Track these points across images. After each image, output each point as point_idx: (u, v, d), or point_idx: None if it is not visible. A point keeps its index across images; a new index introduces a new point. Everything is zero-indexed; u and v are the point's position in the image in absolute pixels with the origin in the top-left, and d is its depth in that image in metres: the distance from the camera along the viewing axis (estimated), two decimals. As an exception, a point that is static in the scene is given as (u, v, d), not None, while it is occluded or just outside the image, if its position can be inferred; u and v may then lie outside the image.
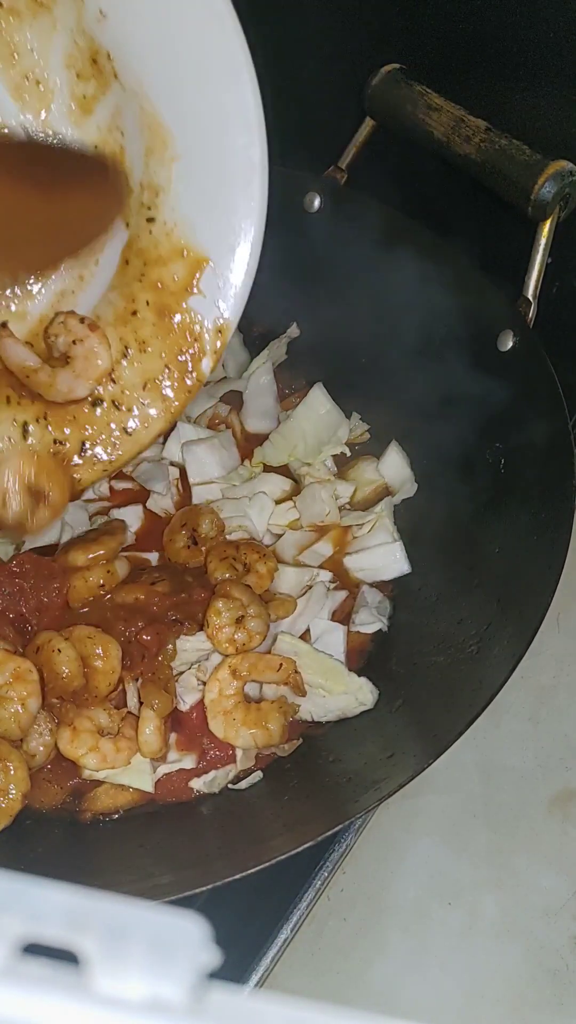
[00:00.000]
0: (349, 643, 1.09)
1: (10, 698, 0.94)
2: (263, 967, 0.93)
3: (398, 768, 0.87)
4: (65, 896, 0.30)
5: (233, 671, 1.01)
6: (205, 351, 0.93)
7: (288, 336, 1.35)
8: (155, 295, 0.92)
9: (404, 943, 0.96)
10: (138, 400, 0.95)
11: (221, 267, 0.90)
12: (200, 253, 0.90)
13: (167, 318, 0.93)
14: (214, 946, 0.30)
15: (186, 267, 0.91)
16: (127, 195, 0.93)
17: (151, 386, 0.94)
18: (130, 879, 0.94)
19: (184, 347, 0.93)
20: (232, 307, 0.91)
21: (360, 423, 1.28)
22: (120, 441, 0.97)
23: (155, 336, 0.93)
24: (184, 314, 0.92)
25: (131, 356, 0.94)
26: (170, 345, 0.94)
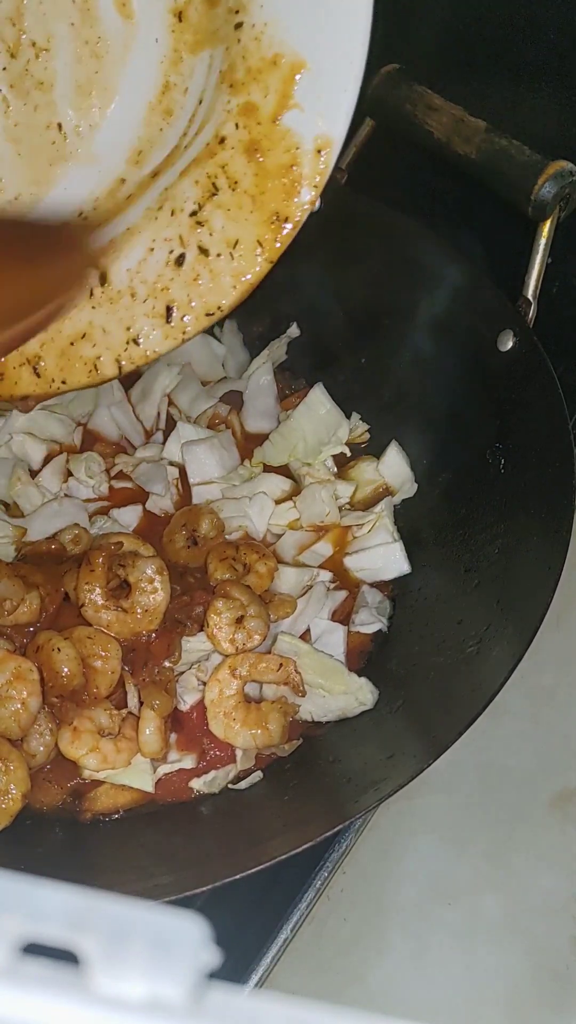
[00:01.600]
0: (349, 643, 1.09)
1: (10, 697, 0.94)
2: (263, 967, 0.93)
3: (398, 768, 0.87)
4: (65, 896, 0.30)
5: (233, 671, 1.01)
6: (303, 177, 0.78)
7: (288, 336, 1.35)
8: (245, 120, 0.79)
9: (404, 943, 0.96)
10: (228, 248, 0.81)
11: (320, 71, 0.75)
12: (296, 56, 0.75)
13: (258, 151, 0.79)
14: (214, 946, 0.30)
15: (280, 78, 0.77)
16: (89, 262, 0.84)
17: (243, 227, 0.80)
18: (130, 879, 0.94)
19: (281, 176, 0.79)
20: (336, 119, 0.76)
21: (360, 423, 1.28)
22: (201, 298, 0.83)
23: (246, 172, 0.79)
24: (279, 138, 0.78)
25: (220, 195, 0.80)
26: (264, 178, 0.80)
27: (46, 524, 1.15)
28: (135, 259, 0.82)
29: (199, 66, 0.83)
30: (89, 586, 0.99)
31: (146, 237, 0.83)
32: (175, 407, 1.31)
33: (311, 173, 0.76)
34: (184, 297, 0.81)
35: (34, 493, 1.19)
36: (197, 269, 0.81)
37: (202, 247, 0.81)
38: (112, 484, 1.24)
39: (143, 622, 1.00)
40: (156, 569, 1.00)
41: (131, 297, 0.81)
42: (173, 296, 0.81)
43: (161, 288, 0.81)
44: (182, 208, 0.82)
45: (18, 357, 0.88)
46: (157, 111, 0.85)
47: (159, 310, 0.81)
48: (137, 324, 0.80)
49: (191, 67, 0.84)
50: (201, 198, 0.81)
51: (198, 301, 0.81)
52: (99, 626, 0.99)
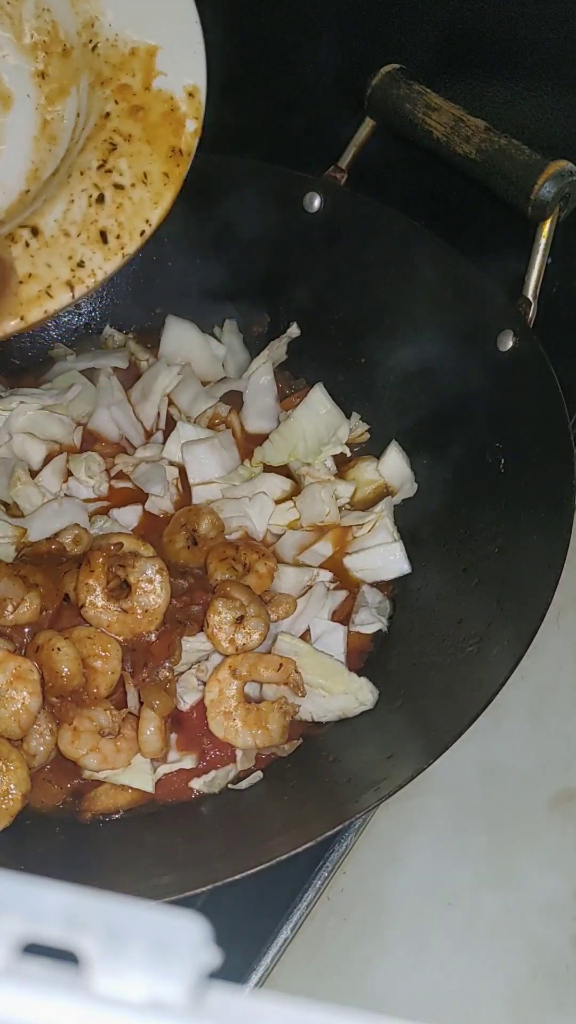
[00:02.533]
0: (349, 643, 1.09)
1: (11, 697, 0.94)
2: (263, 967, 0.93)
3: (398, 768, 0.87)
4: (65, 896, 0.30)
5: (233, 671, 1.01)
6: (184, 115, 0.94)
7: (288, 336, 1.35)
8: (121, 96, 0.94)
9: (404, 943, 0.96)
10: (140, 180, 0.94)
11: (171, 45, 0.93)
12: (148, 44, 0.94)
13: (140, 110, 0.94)
14: (214, 946, 0.30)
15: (141, 62, 0.94)
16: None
17: (148, 163, 0.94)
18: (130, 879, 0.94)
19: (166, 121, 0.94)
20: (196, 70, 0.94)
21: (360, 423, 1.28)
22: (128, 219, 0.95)
23: (135, 127, 0.94)
24: (154, 97, 0.94)
25: (119, 148, 0.94)
26: (152, 127, 0.94)
27: (46, 524, 1.15)
28: (59, 211, 0.93)
29: (70, 98, 0.99)
30: (89, 586, 0.99)
31: (64, 195, 0.94)
32: (175, 407, 1.31)
33: (189, 110, 0.93)
34: (113, 223, 0.93)
35: (34, 493, 1.19)
36: (117, 200, 0.93)
37: (117, 184, 0.93)
38: (112, 484, 1.24)
39: (143, 622, 1.00)
40: (156, 569, 1.00)
41: (65, 236, 0.91)
42: (103, 224, 0.92)
43: (91, 222, 0.92)
44: (89, 167, 0.95)
45: None
46: (42, 140, 0.99)
47: (94, 237, 0.91)
48: (77, 252, 0.90)
49: (63, 102, 0.99)
50: (103, 155, 0.94)
51: (127, 222, 0.93)
52: (99, 626, 0.99)
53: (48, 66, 0.99)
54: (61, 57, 0.98)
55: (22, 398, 1.26)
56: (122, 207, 0.91)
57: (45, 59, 0.99)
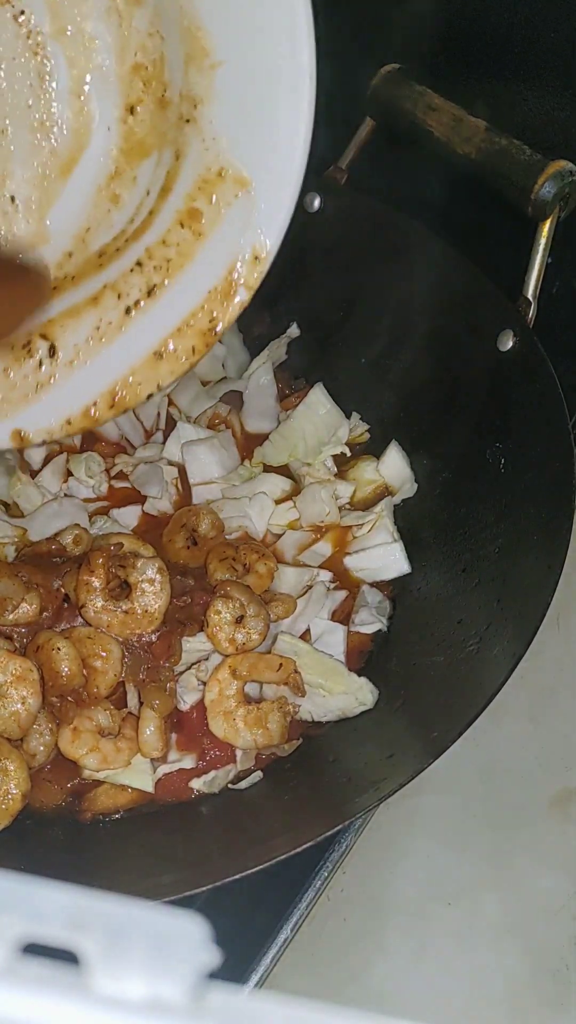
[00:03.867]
0: (349, 643, 1.09)
1: (11, 697, 0.94)
2: (263, 967, 0.93)
3: (398, 768, 0.87)
4: (65, 896, 0.30)
5: (233, 671, 1.01)
6: (241, 280, 0.85)
7: (288, 336, 1.35)
8: (190, 222, 0.84)
9: (404, 943, 0.96)
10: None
11: (262, 188, 0.81)
12: (240, 172, 0.81)
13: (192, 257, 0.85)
14: (214, 946, 0.30)
15: (222, 194, 0.83)
16: (48, 292, 0.90)
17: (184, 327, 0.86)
18: (130, 879, 0.94)
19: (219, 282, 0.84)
20: (272, 232, 0.82)
21: (360, 423, 1.28)
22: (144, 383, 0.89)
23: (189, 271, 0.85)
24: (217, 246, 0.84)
25: (157, 291, 0.87)
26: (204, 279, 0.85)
27: (46, 524, 1.15)
28: (82, 336, 0.88)
29: (147, 161, 0.89)
30: (89, 587, 0.99)
31: (92, 317, 0.89)
32: (175, 407, 1.31)
33: (248, 277, 0.83)
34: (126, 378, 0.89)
35: (34, 493, 1.19)
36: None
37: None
38: (112, 484, 1.24)
39: (143, 623, 1.00)
40: (156, 570, 1.00)
41: (68, 367, 0.88)
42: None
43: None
44: (127, 294, 0.88)
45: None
46: (105, 194, 0.90)
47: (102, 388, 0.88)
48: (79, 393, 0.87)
49: (140, 161, 0.89)
50: (146, 287, 0.87)
51: (137, 382, 0.88)
52: (99, 626, 0.99)
53: (140, 104, 0.86)
54: (157, 104, 0.85)
55: (22, 398, 1.26)
56: (131, 376, 0.85)
57: (141, 91, 0.85)
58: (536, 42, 1.26)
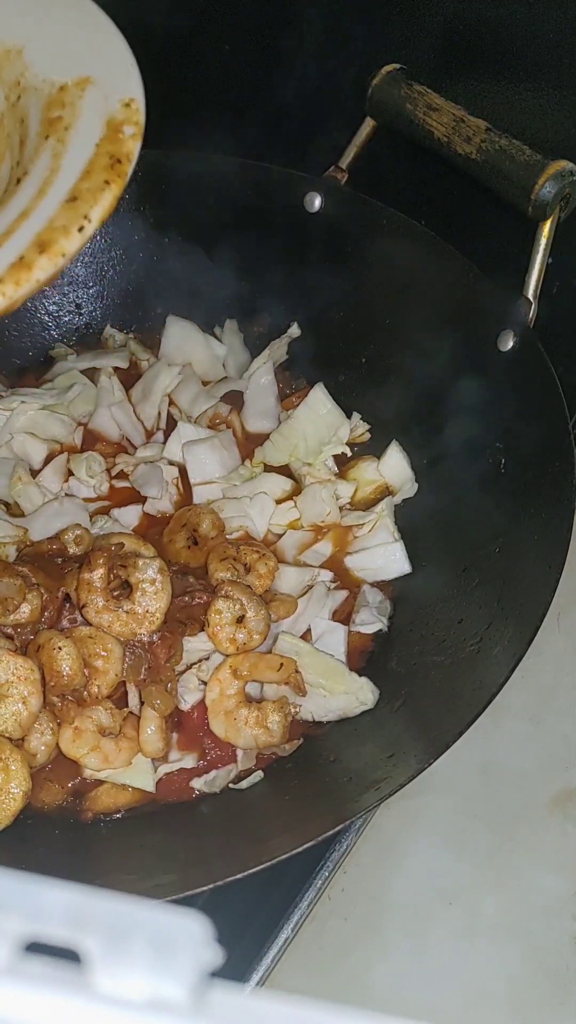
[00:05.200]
0: (350, 643, 1.09)
1: (12, 697, 0.94)
2: (264, 966, 0.93)
3: (399, 768, 0.87)
4: (67, 895, 0.30)
5: (234, 671, 1.01)
6: (123, 122, 0.86)
7: (289, 336, 1.35)
8: (54, 128, 0.88)
9: (405, 943, 0.96)
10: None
11: (102, 71, 0.87)
12: (77, 78, 0.88)
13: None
14: (216, 945, 0.30)
15: (71, 95, 0.88)
16: None
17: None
18: (131, 878, 0.94)
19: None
20: (128, 85, 0.86)
21: (361, 423, 1.28)
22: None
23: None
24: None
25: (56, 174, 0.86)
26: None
27: (47, 524, 1.15)
28: None
29: (3, 163, 0.92)
30: (90, 586, 0.99)
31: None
32: (176, 407, 1.31)
33: (128, 119, 0.85)
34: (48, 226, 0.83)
35: (35, 493, 1.19)
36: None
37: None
38: (113, 484, 1.24)
39: (144, 622, 1.00)
40: (157, 570, 1.00)
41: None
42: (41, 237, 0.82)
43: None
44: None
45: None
46: None
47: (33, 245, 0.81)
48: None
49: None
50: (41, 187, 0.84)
51: (60, 225, 0.81)
52: (100, 626, 0.99)
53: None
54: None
55: (23, 398, 1.26)
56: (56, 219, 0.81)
57: None
58: (536, 42, 1.26)
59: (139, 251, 1.41)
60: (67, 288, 1.41)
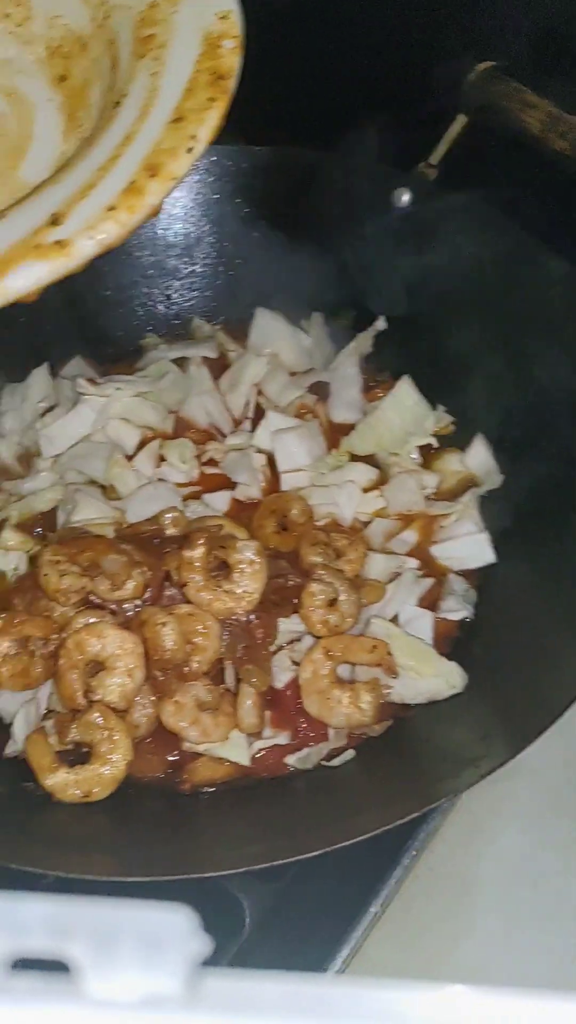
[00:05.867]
0: (436, 629, 1.11)
1: (117, 669, 0.97)
2: (354, 940, 0.96)
3: (495, 747, 0.89)
4: (46, 906, 0.29)
5: (327, 652, 1.04)
6: (221, 35, 0.83)
7: (375, 329, 1.37)
8: (147, 47, 0.85)
9: (491, 923, 0.98)
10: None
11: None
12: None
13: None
14: (203, 934, 0.30)
15: (162, 11, 0.85)
16: None
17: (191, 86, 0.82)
18: (221, 848, 0.97)
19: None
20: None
21: (445, 415, 1.30)
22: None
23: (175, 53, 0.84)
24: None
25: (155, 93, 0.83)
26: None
27: (142, 507, 1.18)
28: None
29: (94, 87, 0.90)
30: (191, 566, 1.03)
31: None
32: (263, 396, 1.34)
33: (226, 32, 0.82)
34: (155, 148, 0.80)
35: (130, 476, 1.23)
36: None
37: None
38: (203, 470, 1.27)
39: (241, 602, 1.03)
40: (255, 552, 1.03)
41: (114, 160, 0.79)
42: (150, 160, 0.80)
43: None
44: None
45: None
46: (71, 131, 0.90)
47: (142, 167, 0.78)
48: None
49: (87, 94, 0.90)
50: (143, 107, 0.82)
51: (169, 147, 0.79)
52: (199, 605, 1.02)
53: (67, 68, 0.92)
54: (80, 54, 0.91)
55: (118, 384, 1.30)
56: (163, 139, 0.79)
57: (63, 64, 0.92)
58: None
59: (229, 243, 1.44)
60: (159, 279, 1.45)
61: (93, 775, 0.96)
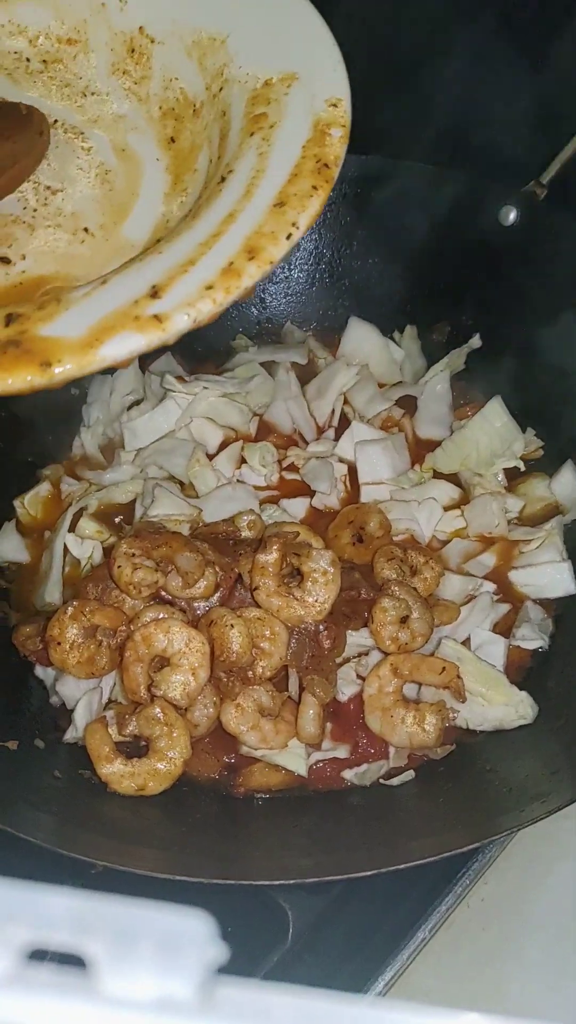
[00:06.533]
0: (508, 657, 1.09)
1: (182, 667, 0.97)
2: (399, 963, 0.94)
3: (562, 785, 0.86)
4: (70, 900, 0.29)
5: (395, 669, 1.02)
6: (329, 123, 0.84)
7: (469, 347, 1.35)
8: (258, 125, 0.86)
9: (545, 960, 0.95)
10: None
11: (308, 68, 0.86)
12: (283, 73, 0.86)
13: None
14: (221, 942, 0.29)
15: (276, 91, 0.87)
16: (47, 127, 0.93)
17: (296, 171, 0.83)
18: (263, 856, 0.96)
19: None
20: (334, 84, 0.85)
21: (535, 439, 1.28)
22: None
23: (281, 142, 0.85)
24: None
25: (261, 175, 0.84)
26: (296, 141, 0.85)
27: (219, 507, 1.18)
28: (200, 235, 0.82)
29: (202, 152, 0.92)
30: (264, 570, 1.02)
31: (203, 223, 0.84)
32: (349, 406, 1.33)
33: (334, 120, 0.83)
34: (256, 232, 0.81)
35: (210, 476, 1.23)
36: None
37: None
38: (283, 475, 1.27)
39: (312, 611, 1.02)
40: (329, 562, 1.02)
41: (215, 237, 0.80)
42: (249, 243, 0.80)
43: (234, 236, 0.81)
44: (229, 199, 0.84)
45: None
46: (174, 194, 0.93)
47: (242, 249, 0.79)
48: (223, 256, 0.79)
49: (193, 158, 0.93)
50: (247, 187, 0.83)
51: (269, 231, 0.80)
52: (269, 610, 1.02)
53: (178, 131, 0.94)
54: (191, 119, 0.93)
55: (205, 384, 1.30)
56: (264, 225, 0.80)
57: (175, 126, 0.94)
58: None
59: (328, 250, 1.43)
60: (255, 282, 1.45)
61: (149, 769, 0.96)
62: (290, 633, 1.02)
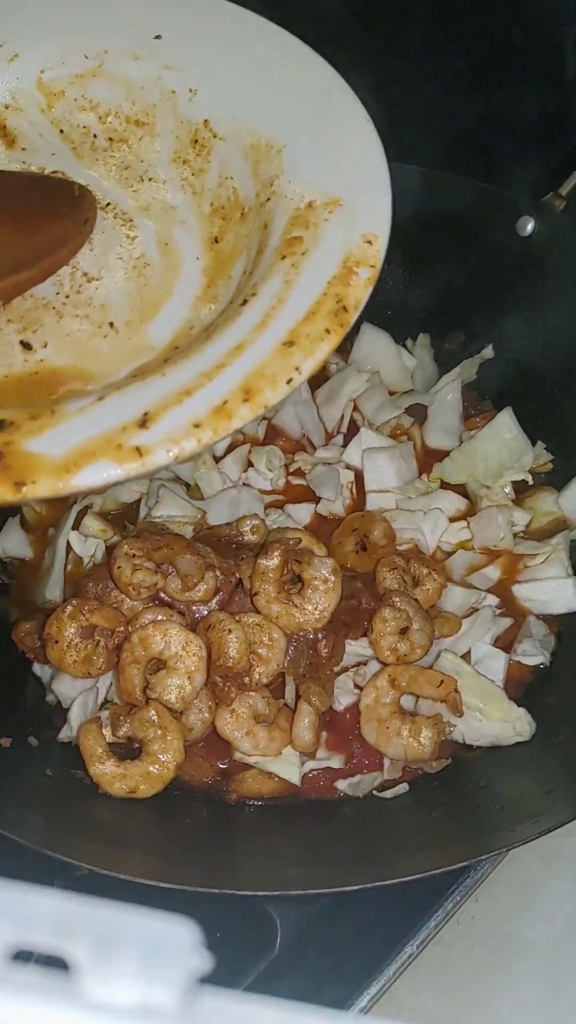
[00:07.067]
0: (508, 672, 1.08)
1: (178, 670, 0.97)
2: (385, 978, 0.93)
3: (559, 805, 0.85)
4: (55, 903, 0.29)
5: (392, 681, 1.01)
6: (359, 262, 0.82)
7: (481, 357, 1.34)
8: (291, 249, 0.84)
9: (534, 981, 0.94)
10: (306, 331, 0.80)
11: (352, 196, 0.84)
12: (328, 196, 0.84)
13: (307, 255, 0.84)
14: (204, 951, 0.29)
15: (317, 215, 0.86)
16: (94, 214, 0.93)
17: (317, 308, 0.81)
18: (259, 864, 0.95)
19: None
20: (375, 219, 0.83)
21: (544, 452, 1.26)
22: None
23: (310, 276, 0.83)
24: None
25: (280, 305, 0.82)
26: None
27: (224, 510, 1.18)
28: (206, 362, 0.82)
29: (238, 261, 0.92)
30: (264, 576, 1.01)
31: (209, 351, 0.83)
32: (359, 413, 1.32)
33: (364, 258, 0.82)
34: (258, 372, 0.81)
35: (215, 478, 1.22)
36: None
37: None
38: (289, 480, 1.26)
39: (311, 619, 1.01)
40: (331, 570, 1.01)
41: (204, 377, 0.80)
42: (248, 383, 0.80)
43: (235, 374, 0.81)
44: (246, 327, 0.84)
45: None
46: (204, 299, 0.93)
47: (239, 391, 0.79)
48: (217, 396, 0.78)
49: (231, 265, 0.92)
50: (263, 318, 0.82)
51: (271, 373, 0.79)
52: (268, 616, 1.01)
53: (223, 232, 0.94)
54: (238, 222, 0.93)
55: (214, 385, 1.29)
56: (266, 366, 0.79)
57: (221, 225, 0.94)
58: None
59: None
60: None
61: (141, 771, 0.96)
62: (288, 640, 1.01)
